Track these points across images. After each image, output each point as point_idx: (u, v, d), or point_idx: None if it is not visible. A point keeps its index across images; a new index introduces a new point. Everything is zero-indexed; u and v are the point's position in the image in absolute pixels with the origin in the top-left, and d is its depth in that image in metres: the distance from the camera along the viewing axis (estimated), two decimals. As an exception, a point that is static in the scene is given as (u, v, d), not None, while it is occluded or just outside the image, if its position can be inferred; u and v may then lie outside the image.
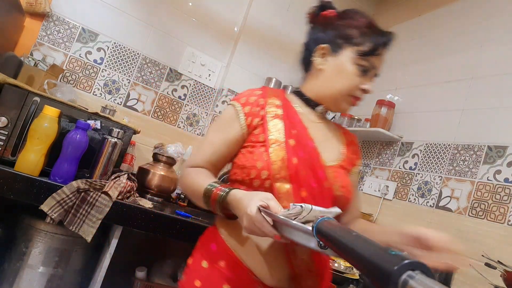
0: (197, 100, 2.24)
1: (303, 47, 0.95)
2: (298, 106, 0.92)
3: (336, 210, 0.69)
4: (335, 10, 0.93)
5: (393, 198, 1.92)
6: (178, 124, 2.19)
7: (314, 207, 0.65)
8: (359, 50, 0.84)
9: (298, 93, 0.94)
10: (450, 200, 1.63)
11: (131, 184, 1.51)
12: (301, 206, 0.64)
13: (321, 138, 0.89)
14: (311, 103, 0.92)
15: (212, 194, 0.75)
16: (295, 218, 0.64)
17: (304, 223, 0.63)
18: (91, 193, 1.35)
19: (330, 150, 0.90)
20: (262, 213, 0.64)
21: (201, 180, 0.80)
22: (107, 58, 2.00)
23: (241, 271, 0.80)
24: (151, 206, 1.51)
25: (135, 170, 1.84)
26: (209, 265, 0.82)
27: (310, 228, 0.59)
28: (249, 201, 0.66)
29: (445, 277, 1.35)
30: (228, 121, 0.86)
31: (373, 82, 0.92)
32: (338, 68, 0.87)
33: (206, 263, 0.82)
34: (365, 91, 0.89)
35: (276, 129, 0.83)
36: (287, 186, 0.78)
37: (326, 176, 0.83)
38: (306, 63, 0.94)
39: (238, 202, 0.70)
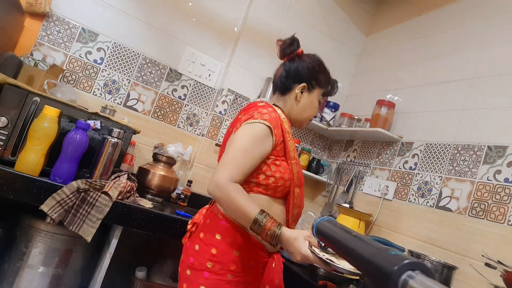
0: (197, 100, 2.24)
1: (283, 74, 1.21)
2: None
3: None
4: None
5: (393, 198, 1.92)
6: (178, 124, 2.19)
7: (345, 266, 0.84)
8: (324, 92, 1.23)
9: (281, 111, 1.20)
10: (450, 200, 1.63)
11: (131, 184, 1.51)
12: (334, 261, 0.85)
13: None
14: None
15: (266, 226, 0.93)
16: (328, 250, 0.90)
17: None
18: (91, 193, 1.35)
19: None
20: (312, 251, 0.88)
21: (247, 205, 0.96)
22: (107, 58, 2.00)
23: (258, 249, 1.09)
24: (151, 206, 1.51)
25: (135, 170, 1.84)
26: (240, 253, 1.05)
27: (349, 269, 0.80)
28: (299, 243, 0.90)
29: (445, 277, 1.35)
30: (263, 138, 1.05)
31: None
32: (310, 103, 1.21)
33: (237, 252, 1.05)
34: (315, 117, 1.27)
35: (292, 148, 1.12)
36: (297, 190, 1.13)
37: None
38: (285, 89, 1.21)
39: (288, 241, 0.92)
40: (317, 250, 0.88)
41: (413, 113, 2.02)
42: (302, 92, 1.19)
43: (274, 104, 1.20)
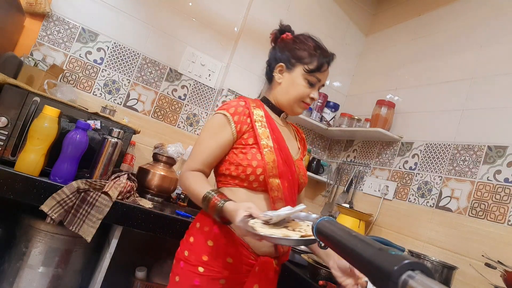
0: (197, 100, 2.24)
1: (267, 64, 1.18)
2: (271, 112, 1.15)
3: (301, 207, 0.87)
4: (292, 33, 1.17)
5: (393, 198, 1.92)
6: (178, 124, 2.19)
7: (280, 212, 0.84)
8: (307, 68, 1.08)
9: (266, 101, 1.17)
10: (450, 200, 1.63)
11: (131, 184, 1.51)
12: (271, 215, 0.83)
13: (287, 138, 1.14)
14: (276, 110, 1.16)
15: (211, 202, 0.93)
16: (270, 222, 0.83)
17: (279, 223, 0.85)
18: (91, 193, 1.35)
19: (293, 147, 1.16)
20: (245, 225, 0.82)
21: (198, 185, 0.99)
22: (107, 58, 2.00)
23: (240, 246, 1.02)
24: (151, 206, 1.51)
25: (135, 170, 1.84)
26: (214, 243, 1.01)
27: (280, 237, 0.78)
28: (237, 215, 0.84)
29: (445, 277, 1.35)
30: (220, 128, 1.05)
31: (319, 91, 1.15)
32: (291, 82, 1.10)
33: (211, 242, 1.02)
34: (312, 99, 1.12)
35: (265, 136, 1.05)
36: (277, 181, 1.03)
37: (295, 169, 1.10)
38: (269, 77, 1.17)
39: (230, 214, 0.88)
40: (252, 221, 0.82)
41: (413, 113, 2.02)
42: (281, 73, 1.12)
43: (263, 97, 1.18)
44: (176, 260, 1.07)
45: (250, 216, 0.84)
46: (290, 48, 1.11)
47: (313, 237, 0.77)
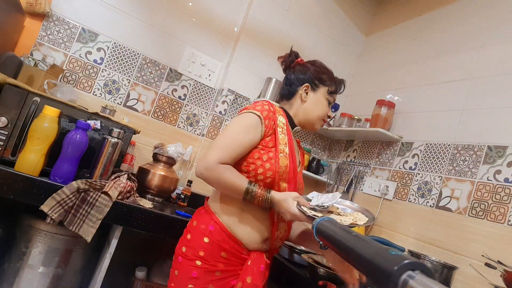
0: (197, 100, 2.24)
1: (286, 82, 1.28)
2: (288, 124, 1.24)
3: (339, 194, 1.00)
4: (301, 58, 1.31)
5: (393, 198, 1.92)
6: (178, 124, 2.19)
7: (329, 202, 0.98)
8: (330, 90, 1.24)
9: (287, 114, 1.24)
10: (450, 200, 1.63)
11: (131, 184, 1.51)
12: (327, 204, 0.97)
13: (295, 150, 1.22)
14: (292, 123, 1.24)
15: (257, 194, 1.04)
16: (316, 209, 0.97)
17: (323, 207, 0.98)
18: (91, 193, 1.35)
19: (297, 159, 1.23)
20: (299, 210, 0.96)
21: (237, 179, 1.06)
22: (107, 58, 2.00)
23: (233, 242, 1.10)
24: (151, 206, 1.51)
25: (135, 170, 1.84)
26: (210, 240, 1.09)
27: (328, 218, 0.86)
28: (288, 203, 1.00)
29: (445, 277, 1.35)
30: (253, 127, 1.11)
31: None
32: (316, 101, 1.23)
33: (207, 238, 1.10)
34: (329, 117, 1.27)
35: (283, 142, 1.13)
36: (285, 185, 1.11)
37: (297, 180, 1.18)
38: (290, 94, 1.25)
39: (278, 202, 1.03)
40: (305, 209, 0.95)
41: (413, 113, 2.02)
42: (306, 92, 1.23)
43: (280, 107, 1.25)
44: (175, 256, 1.15)
45: (297, 204, 0.98)
46: (311, 71, 1.24)
47: (360, 223, 0.93)
